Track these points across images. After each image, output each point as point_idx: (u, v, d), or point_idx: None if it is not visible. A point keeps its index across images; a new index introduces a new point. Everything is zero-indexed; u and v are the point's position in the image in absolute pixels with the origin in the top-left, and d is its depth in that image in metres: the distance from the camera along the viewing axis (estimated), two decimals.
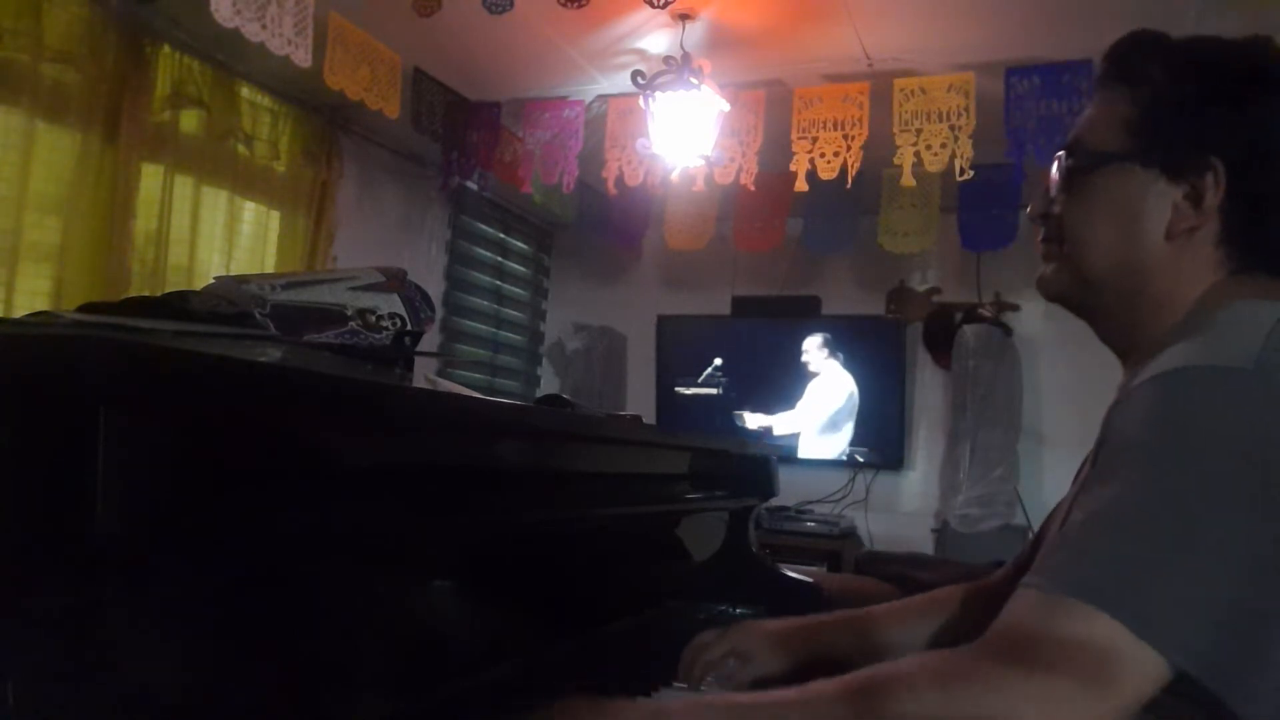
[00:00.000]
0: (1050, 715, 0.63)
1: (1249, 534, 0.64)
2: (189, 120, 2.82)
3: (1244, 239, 0.81)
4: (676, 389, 4.31)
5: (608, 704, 0.78)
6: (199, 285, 1.19)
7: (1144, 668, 0.63)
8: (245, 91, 2.98)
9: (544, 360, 4.76)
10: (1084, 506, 0.70)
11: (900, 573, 3.03)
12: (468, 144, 3.35)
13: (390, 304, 1.07)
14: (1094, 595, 0.64)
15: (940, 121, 2.81)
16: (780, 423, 4.20)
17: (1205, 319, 0.78)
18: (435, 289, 3.96)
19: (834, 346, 4.14)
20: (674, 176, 3.12)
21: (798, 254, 4.02)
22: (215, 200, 2.95)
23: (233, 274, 1.50)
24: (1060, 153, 0.90)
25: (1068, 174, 0.88)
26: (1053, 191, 0.90)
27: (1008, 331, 3.81)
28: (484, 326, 4.36)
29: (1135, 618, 0.63)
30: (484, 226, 4.33)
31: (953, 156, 2.79)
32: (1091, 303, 0.88)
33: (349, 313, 1.04)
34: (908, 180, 2.89)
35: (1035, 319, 3.76)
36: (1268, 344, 0.69)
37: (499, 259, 4.47)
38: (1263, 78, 0.82)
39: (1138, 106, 0.85)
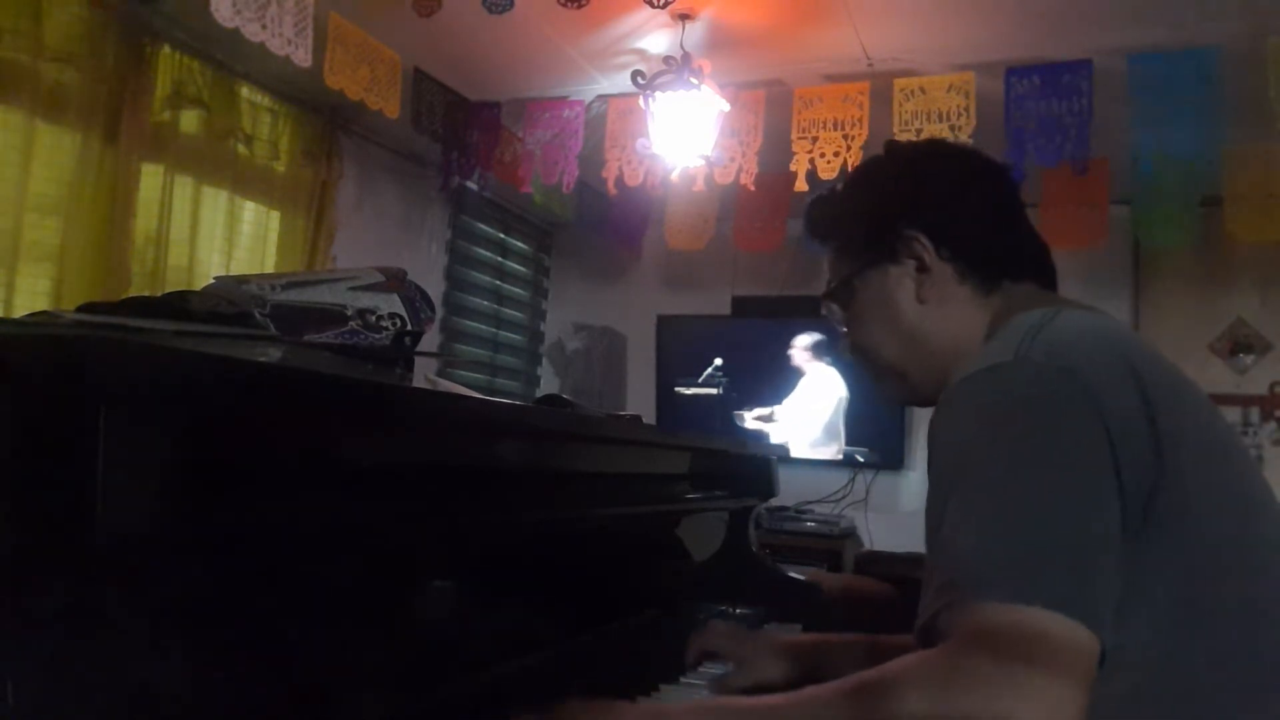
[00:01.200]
0: (1040, 706, 0.65)
1: (1067, 487, 0.73)
2: (189, 120, 2.82)
3: (973, 267, 0.96)
4: (676, 389, 4.31)
5: (608, 706, 0.79)
6: (199, 285, 1.19)
7: (1087, 647, 0.68)
8: (245, 91, 2.98)
9: (544, 360, 4.76)
10: (943, 520, 0.76)
11: (900, 573, 3.03)
12: (468, 144, 3.35)
13: (390, 304, 1.07)
14: (1022, 593, 0.68)
15: (940, 121, 2.81)
16: (778, 416, 4.21)
17: (992, 338, 0.90)
18: (435, 289, 3.96)
19: (824, 348, 4.13)
20: (674, 176, 3.12)
21: (798, 254, 4.01)
22: (215, 200, 2.95)
23: (233, 274, 1.50)
24: (825, 302, 1.08)
25: (838, 313, 1.06)
26: (844, 331, 1.07)
27: None
28: (484, 326, 4.36)
29: (1063, 602, 0.67)
30: (484, 226, 4.33)
31: None
32: (923, 390, 1.00)
33: (349, 313, 1.04)
34: None
35: None
36: (1023, 340, 0.80)
37: (499, 259, 4.47)
38: (908, 167, 1.04)
39: (844, 242, 1.05)
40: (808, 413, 4.17)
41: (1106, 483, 0.73)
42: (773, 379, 4.25)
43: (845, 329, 1.07)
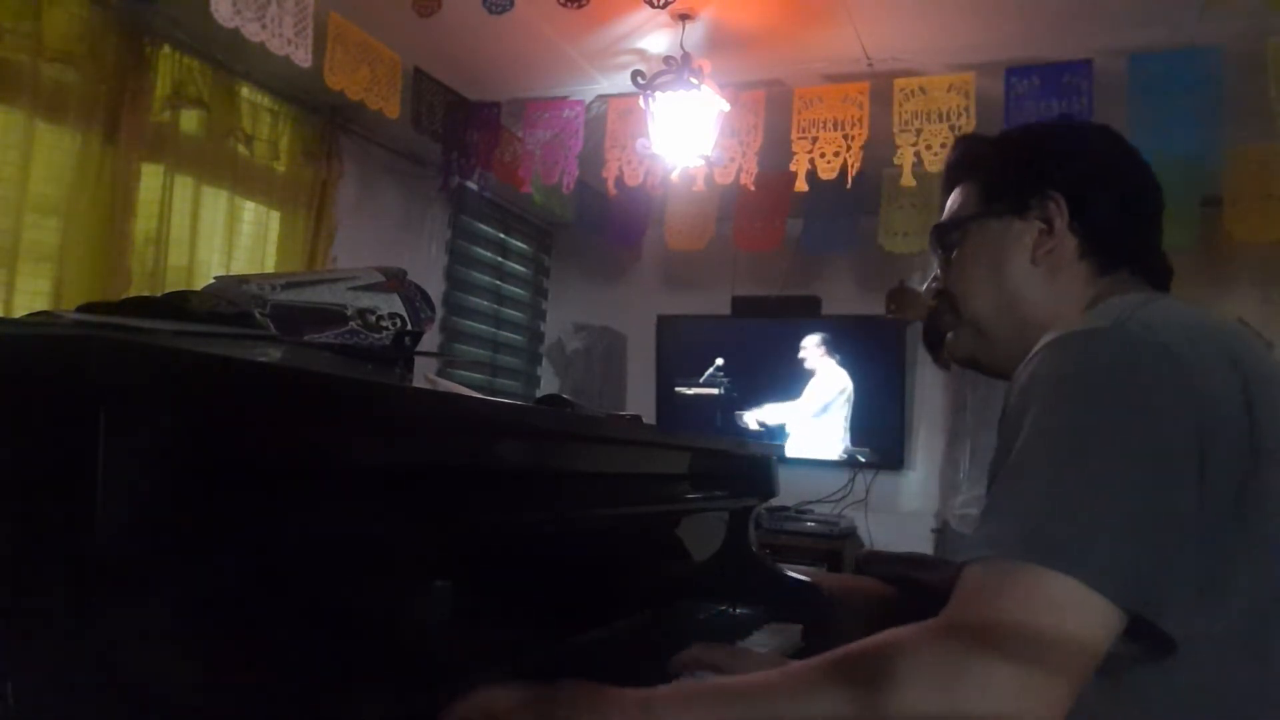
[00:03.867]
0: (1037, 704, 0.65)
1: (1140, 461, 0.71)
2: (189, 120, 2.82)
3: (1098, 247, 0.94)
4: (678, 389, 4.31)
5: (602, 689, 0.78)
6: (199, 285, 1.19)
7: (1103, 618, 0.67)
8: (245, 91, 2.98)
9: (544, 360, 4.76)
10: (1007, 472, 0.76)
11: (900, 573, 3.02)
12: (468, 144, 3.35)
13: (390, 304, 1.07)
14: (1038, 554, 0.68)
15: (940, 121, 2.81)
16: (777, 413, 4.22)
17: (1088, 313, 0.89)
18: (435, 289, 3.96)
19: (831, 346, 4.15)
20: (674, 176, 3.12)
21: (798, 254, 4.01)
22: (215, 200, 2.95)
23: (233, 274, 1.49)
24: (932, 240, 1.05)
25: (942, 252, 1.03)
26: (937, 272, 1.05)
27: None
28: (484, 326, 4.36)
29: (1083, 569, 0.67)
30: (484, 226, 4.33)
31: None
32: (998, 353, 0.99)
33: (349, 313, 1.04)
34: (908, 180, 2.89)
35: None
36: (1121, 315, 0.80)
37: (499, 259, 4.47)
38: (1071, 135, 1.02)
39: (980, 184, 1.01)
40: (821, 407, 4.18)
41: (1185, 466, 0.71)
42: (773, 379, 4.25)
43: (941, 270, 1.04)
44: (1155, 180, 0.99)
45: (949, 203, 1.06)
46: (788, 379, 4.24)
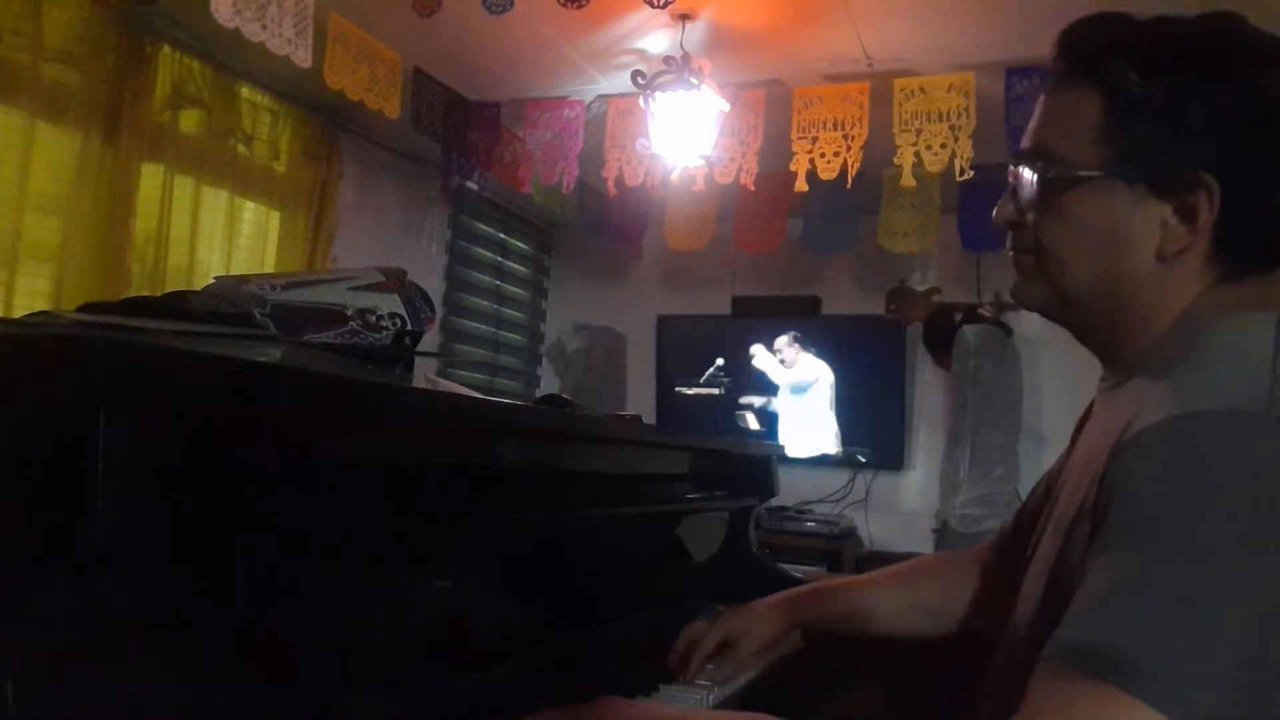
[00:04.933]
0: None
1: (1268, 594, 0.60)
2: (189, 120, 2.82)
3: (1236, 250, 0.76)
4: (678, 389, 4.31)
5: (635, 707, 0.78)
6: (199, 285, 1.19)
7: None
8: (245, 91, 2.97)
9: (544, 360, 4.76)
10: (1101, 569, 0.64)
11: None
12: (468, 144, 3.35)
13: (390, 304, 1.07)
14: (1129, 680, 0.58)
15: (940, 121, 2.81)
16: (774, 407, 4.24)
17: (1195, 335, 0.75)
18: (435, 289, 3.96)
19: (804, 341, 4.18)
20: (674, 176, 3.12)
21: (798, 254, 4.01)
22: (215, 200, 2.95)
23: (233, 274, 1.49)
24: (1025, 156, 0.83)
25: (1041, 188, 0.81)
26: (1022, 199, 0.83)
27: (1008, 331, 3.81)
28: (484, 326, 4.36)
29: (1179, 706, 0.57)
30: (484, 226, 4.33)
31: (953, 156, 2.79)
32: (1072, 316, 0.85)
33: (349, 313, 1.04)
34: (908, 180, 2.88)
35: (1035, 319, 3.65)
36: (1275, 372, 0.66)
37: (499, 259, 4.47)
38: (1242, 63, 0.74)
39: (1111, 112, 0.77)
40: (799, 385, 4.19)
41: None
42: (772, 379, 4.25)
43: (1025, 199, 0.83)
44: None
45: (1052, 107, 0.82)
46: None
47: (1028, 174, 0.82)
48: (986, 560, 1.10)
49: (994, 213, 0.86)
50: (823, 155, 2.92)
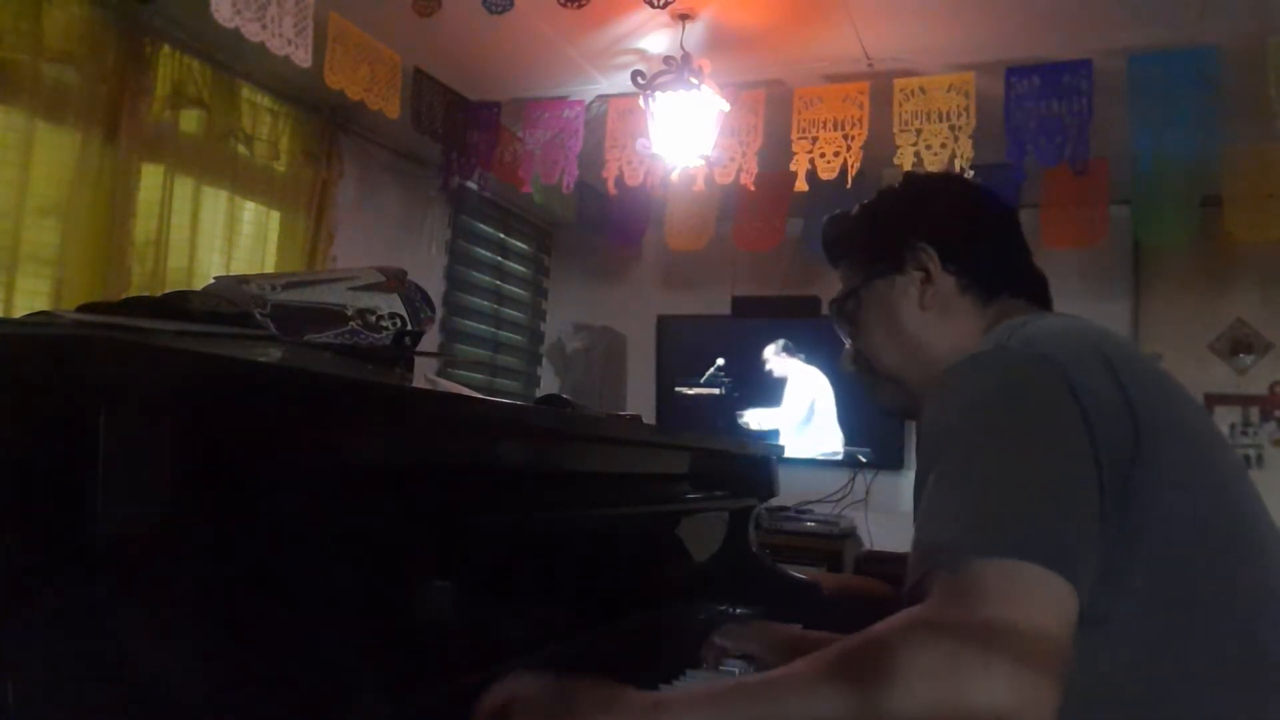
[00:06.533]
0: (1033, 696, 0.66)
1: (1048, 454, 0.77)
2: (189, 120, 2.83)
3: (973, 280, 1.03)
4: (679, 389, 4.31)
5: (620, 689, 0.79)
6: (199, 285, 1.19)
7: (1070, 600, 0.70)
8: (245, 91, 2.98)
9: (544, 360, 4.76)
10: (930, 491, 0.81)
11: (900, 573, 3.02)
12: (468, 144, 3.35)
13: (390, 304, 1.07)
14: (998, 548, 0.71)
15: (940, 121, 2.81)
16: (764, 418, 4.23)
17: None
18: (435, 289, 3.96)
19: (792, 349, 4.19)
20: (674, 176, 3.12)
21: (798, 254, 4.01)
22: (215, 200, 2.95)
23: (233, 274, 1.49)
24: (834, 310, 1.14)
25: (846, 324, 1.13)
26: (849, 346, 1.14)
27: None
28: (484, 326, 4.36)
29: (1041, 553, 0.70)
30: (484, 226, 4.33)
31: (953, 156, 2.79)
32: (916, 400, 1.01)
33: (349, 313, 1.04)
34: None
35: None
36: (1001, 337, 0.89)
37: (499, 259, 4.47)
38: (920, 189, 1.15)
39: (858, 255, 1.12)
40: (805, 416, 4.18)
41: (1082, 454, 0.77)
42: (773, 379, 4.25)
43: (850, 340, 1.14)
44: (1004, 204, 1.11)
45: (840, 279, 1.16)
46: (786, 379, 4.24)
47: (839, 328, 1.14)
48: None
49: (841, 367, 1.17)
50: (823, 155, 2.93)
